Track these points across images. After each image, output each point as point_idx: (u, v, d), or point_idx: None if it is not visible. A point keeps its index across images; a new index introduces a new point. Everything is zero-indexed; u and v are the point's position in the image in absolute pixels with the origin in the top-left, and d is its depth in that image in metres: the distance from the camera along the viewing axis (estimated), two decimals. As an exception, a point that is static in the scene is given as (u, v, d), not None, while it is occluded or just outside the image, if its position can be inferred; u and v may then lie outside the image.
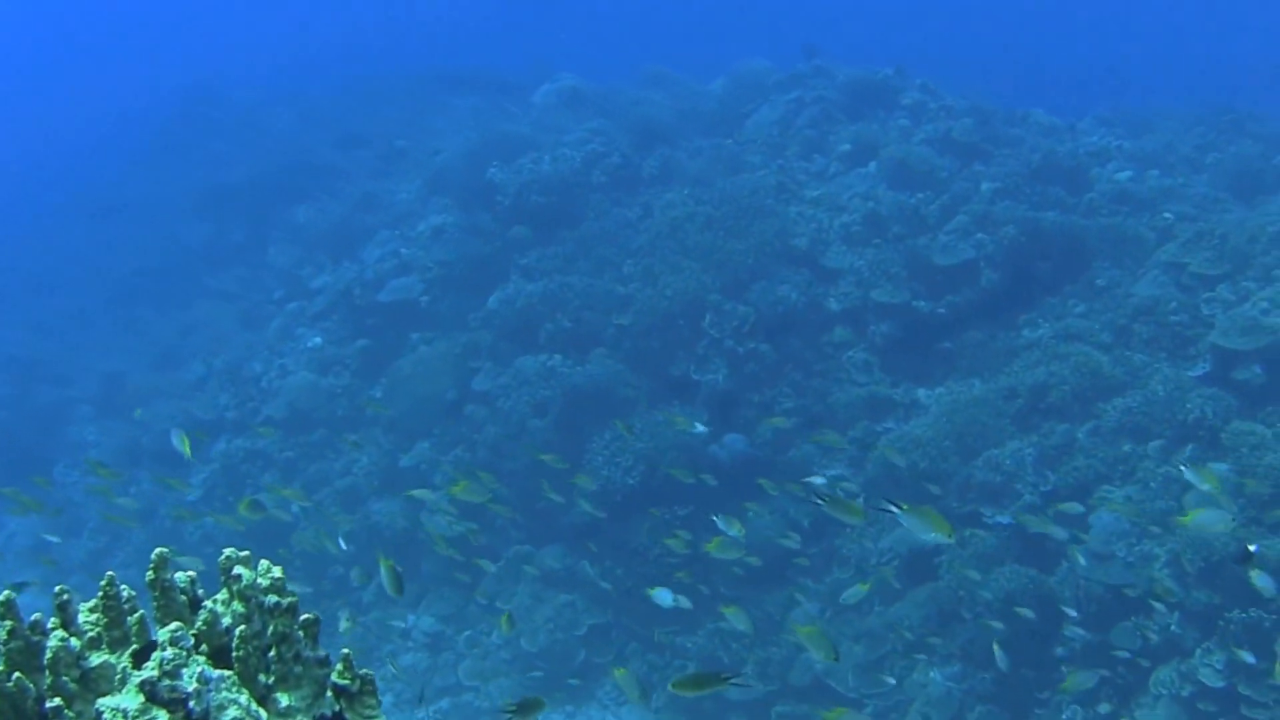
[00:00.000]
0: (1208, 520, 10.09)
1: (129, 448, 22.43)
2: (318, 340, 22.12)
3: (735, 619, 11.38)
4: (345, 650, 3.85)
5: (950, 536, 7.39)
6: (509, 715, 7.79)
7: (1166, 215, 18.71)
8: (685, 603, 12.66)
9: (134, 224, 31.82)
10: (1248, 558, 10.46)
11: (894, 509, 6.92)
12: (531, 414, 17.89)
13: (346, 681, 3.80)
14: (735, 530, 11.58)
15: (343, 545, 14.97)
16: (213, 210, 30.54)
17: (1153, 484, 13.75)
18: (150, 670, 3.40)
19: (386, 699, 15.86)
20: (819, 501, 8.24)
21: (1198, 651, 12.11)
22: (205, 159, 33.23)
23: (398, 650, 17.22)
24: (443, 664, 16.94)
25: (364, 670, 3.84)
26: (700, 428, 15.15)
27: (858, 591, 12.49)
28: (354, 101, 34.90)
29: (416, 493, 14.12)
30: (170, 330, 26.49)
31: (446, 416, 19.21)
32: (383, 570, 10.16)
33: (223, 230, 29.85)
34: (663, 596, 12.29)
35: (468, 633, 17.19)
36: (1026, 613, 12.65)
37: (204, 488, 19.95)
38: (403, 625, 17.25)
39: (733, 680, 7.40)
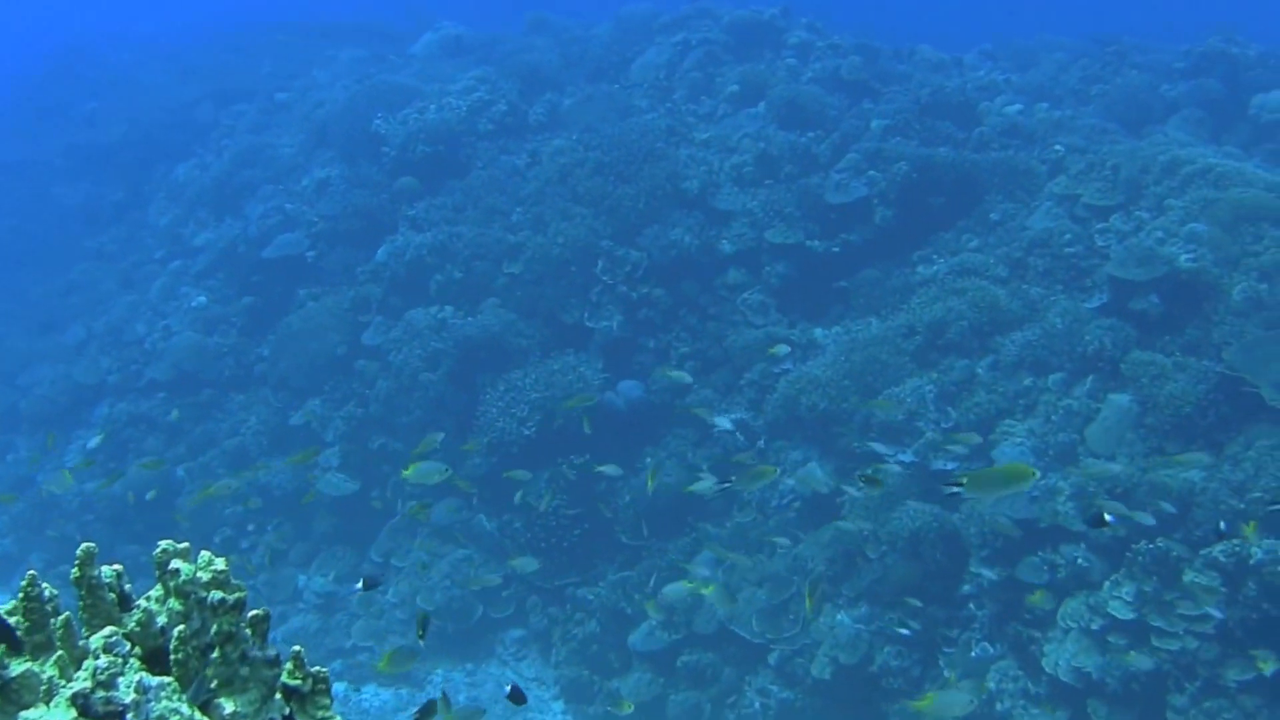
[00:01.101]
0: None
1: (6, 412, 21.89)
2: (202, 299, 21.66)
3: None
4: (297, 648, 3.53)
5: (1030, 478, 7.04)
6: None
7: (1057, 148, 18.66)
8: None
9: (7, 186, 31.03)
10: (1101, 523, 10.28)
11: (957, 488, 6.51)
12: (424, 367, 17.62)
13: (298, 681, 3.48)
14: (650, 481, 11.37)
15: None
16: (90, 170, 29.90)
17: (1054, 417, 13.66)
18: (82, 680, 3.06)
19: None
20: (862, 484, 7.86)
21: (1106, 584, 12.02)
22: (81, 118, 32.64)
23: (288, 612, 16.96)
24: (335, 625, 16.68)
25: (317, 668, 3.52)
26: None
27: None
28: (233, 56, 34.38)
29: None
30: (49, 293, 25.81)
31: (337, 372, 18.92)
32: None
33: (101, 190, 29.20)
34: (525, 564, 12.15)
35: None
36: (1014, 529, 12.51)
37: (85, 454, 19.45)
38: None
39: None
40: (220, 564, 3.37)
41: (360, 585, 11.04)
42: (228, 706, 3.31)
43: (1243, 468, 11.99)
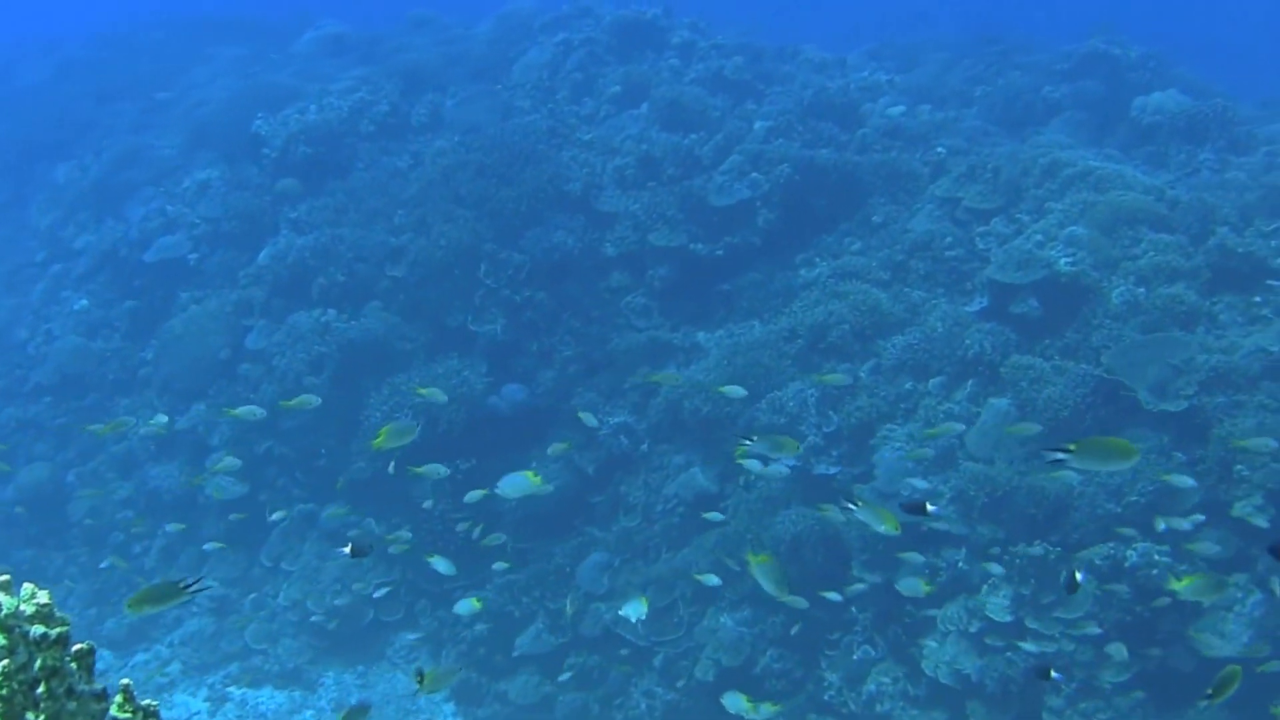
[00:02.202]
0: None
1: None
2: (84, 303, 21.34)
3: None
4: (125, 681, 3.46)
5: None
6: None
7: (939, 149, 18.79)
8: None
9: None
10: (921, 510, 10.23)
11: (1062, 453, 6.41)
12: (307, 370, 17.48)
13: (128, 715, 3.41)
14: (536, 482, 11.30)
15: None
16: (-34, 171, 29.35)
17: (935, 421, 13.76)
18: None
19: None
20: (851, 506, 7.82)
21: (984, 587, 12.14)
22: (-45, 118, 32.01)
23: (183, 616, 16.82)
24: (229, 628, 16.55)
25: (147, 701, 3.45)
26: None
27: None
28: (112, 53, 33.82)
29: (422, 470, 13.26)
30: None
31: (221, 376, 18.69)
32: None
33: (-21, 190, 28.71)
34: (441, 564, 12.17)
35: (253, 595, 16.85)
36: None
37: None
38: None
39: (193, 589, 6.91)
40: (44, 597, 3.31)
41: (348, 550, 10.94)
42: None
43: (1119, 471, 12.12)
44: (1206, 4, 49.69)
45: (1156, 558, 11.40)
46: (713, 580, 12.66)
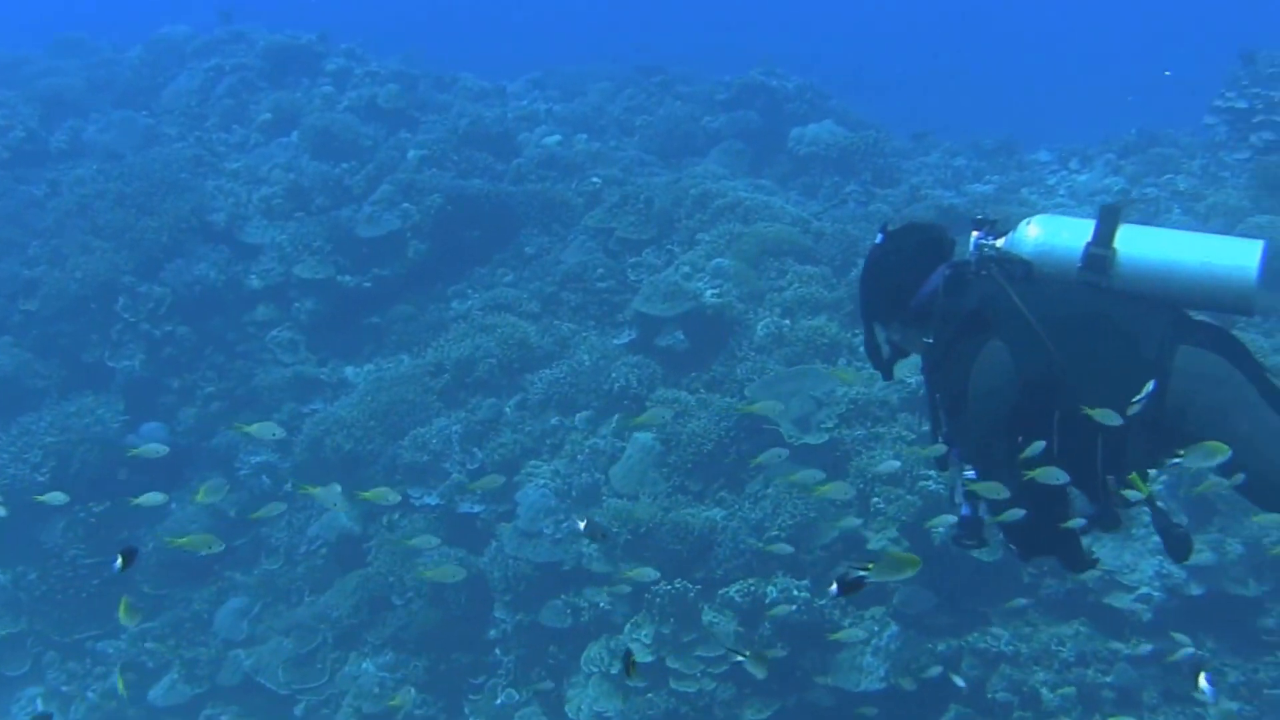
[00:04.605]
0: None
1: None
2: None
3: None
4: None
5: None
6: None
7: (594, 180, 18.70)
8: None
9: None
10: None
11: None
12: (-69, 410, 16.53)
13: None
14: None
15: None
16: None
17: (580, 457, 13.54)
18: None
19: None
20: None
21: (627, 626, 11.92)
22: None
23: None
24: None
25: None
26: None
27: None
28: None
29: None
30: None
31: None
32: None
33: None
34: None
35: None
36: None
37: None
38: None
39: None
40: None
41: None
42: None
43: (761, 506, 12.04)
44: (860, 37, 51.36)
45: (795, 593, 11.30)
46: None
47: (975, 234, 5.28)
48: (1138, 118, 22.91)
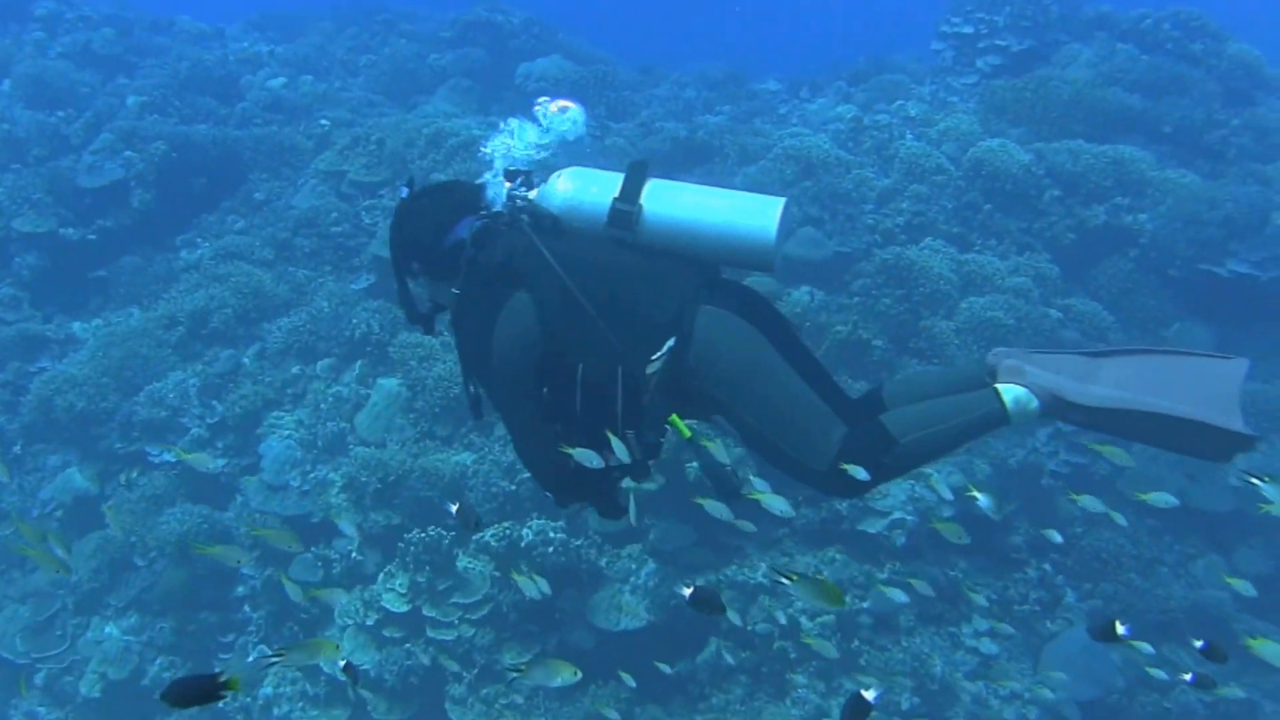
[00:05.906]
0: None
1: None
2: None
3: None
4: None
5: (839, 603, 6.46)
6: None
7: (323, 122, 18.38)
8: None
9: None
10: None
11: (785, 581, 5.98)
12: None
13: None
14: None
15: None
16: None
17: (324, 405, 13.29)
18: None
19: None
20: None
21: (380, 576, 11.73)
22: None
23: None
24: None
25: None
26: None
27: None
28: None
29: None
30: None
31: None
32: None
33: None
34: None
35: None
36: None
37: None
38: None
39: None
40: None
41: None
42: None
43: (509, 449, 11.94)
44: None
45: (551, 534, 11.23)
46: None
47: (507, 185, 5.36)
48: (859, 47, 23.24)
